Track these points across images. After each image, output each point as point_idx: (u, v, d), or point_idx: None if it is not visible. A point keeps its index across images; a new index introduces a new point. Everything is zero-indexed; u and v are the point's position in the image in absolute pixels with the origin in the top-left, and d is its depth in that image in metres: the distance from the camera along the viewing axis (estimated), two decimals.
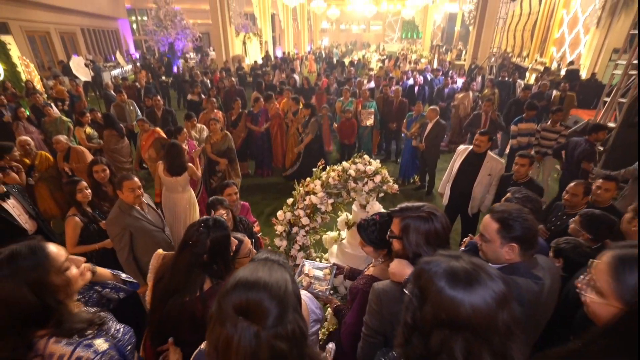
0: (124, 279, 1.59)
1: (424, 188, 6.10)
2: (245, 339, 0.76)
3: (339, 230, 3.59)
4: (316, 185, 3.03)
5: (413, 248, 1.36)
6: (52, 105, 6.81)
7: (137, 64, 17.20)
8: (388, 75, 10.49)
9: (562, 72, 10.93)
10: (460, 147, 4.04)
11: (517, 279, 1.41)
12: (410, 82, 9.87)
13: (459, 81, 9.79)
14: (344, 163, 3.09)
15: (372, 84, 9.70)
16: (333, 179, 3.02)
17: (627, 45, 6.05)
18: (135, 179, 2.66)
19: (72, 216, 2.79)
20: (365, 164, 3.01)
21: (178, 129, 4.68)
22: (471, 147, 3.83)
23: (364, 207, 3.16)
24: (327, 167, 3.17)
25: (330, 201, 3.06)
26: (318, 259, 3.41)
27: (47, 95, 8.83)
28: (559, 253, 1.96)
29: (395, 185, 3.05)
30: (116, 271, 1.58)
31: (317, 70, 17.48)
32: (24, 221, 3.11)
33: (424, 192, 6.02)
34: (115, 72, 15.63)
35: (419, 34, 28.98)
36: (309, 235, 3.14)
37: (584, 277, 0.97)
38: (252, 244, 2.01)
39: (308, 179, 3.17)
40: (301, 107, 6.32)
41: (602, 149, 5.37)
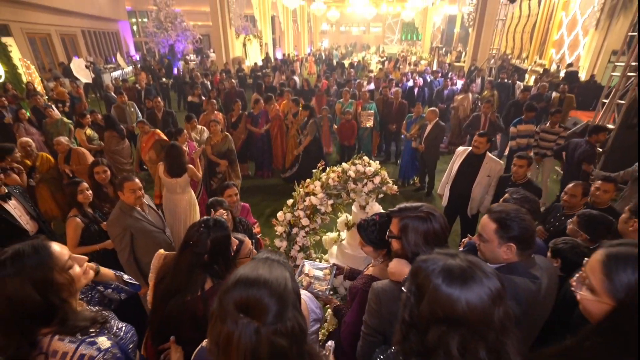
0: (125, 280, 1.60)
1: (423, 189, 6.12)
2: (246, 335, 0.77)
3: (338, 231, 3.60)
4: (316, 187, 3.05)
5: (412, 248, 1.37)
6: (53, 106, 6.83)
7: (138, 65, 17.24)
8: (388, 76, 10.51)
9: (562, 74, 10.94)
10: (460, 148, 4.05)
11: (514, 279, 1.43)
12: (410, 84, 9.89)
13: (459, 83, 9.83)
14: (344, 164, 3.11)
15: (372, 86, 9.71)
16: (333, 180, 3.03)
17: (625, 47, 6.07)
18: (136, 180, 2.67)
19: (73, 217, 2.80)
20: (365, 165, 3.03)
21: (178, 131, 4.70)
22: (470, 148, 3.85)
23: (363, 208, 3.17)
24: (327, 168, 3.19)
25: (330, 202, 3.07)
26: (318, 259, 3.42)
27: (47, 97, 8.84)
28: (557, 253, 1.97)
29: (395, 186, 3.07)
30: (119, 272, 1.60)
31: (317, 72, 17.52)
32: (25, 222, 3.12)
33: (423, 193, 6.04)
34: (115, 74, 15.68)
35: (419, 36, 29.04)
36: (308, 236, 3.15)
37: (578, 275, 0.99)
38: (252, 245, 2.02)
39: (308, 180, 3.19)
40: (300, 108, 6.35)
41: (601, 151, 5.39)
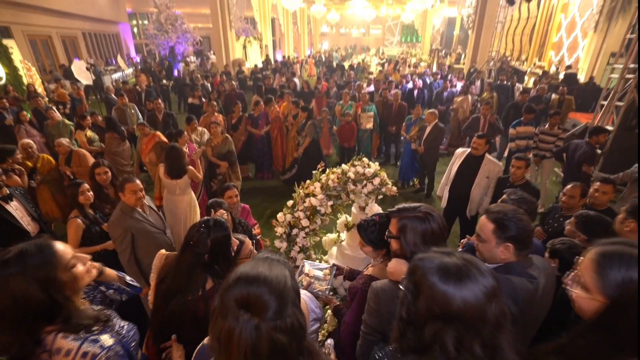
0: (127, 282, 1.62)
1: (423, 191, 6.14)
2: (246, 331, 0.79)
3: (338, 232, 3.62)
4: (316, 188, 3.07)
5: (410, 247, 1.39)
6: (54, 108, 6.85)
7: (138, 67, 17.29)
8: (387, 78, 10.53)
9: (561, 76, 10.98)
10: (458, 150, 4.07)
11: (512, 278, 1.44)
12: (410, 86, 9.91)
13: (458, 85, 9.86)
14: (343, 166, 3.13)
15: (372, 88, 9.75)
16: (332, 181, 3.05)
17: (623, 49, 6.10)
18: (137, 181, 2.68)
19: (74, 218, 2.81)
20: (364, 166, 3.05)
21: (179, 132, 4.72)
22: (469, 150, 3.86)
23: (363, 209, 3.19)
24: (327, 169, 3.21)
25: (330, 203, 3.09)
26: (318, 260, 3.43)
27: (48, 99, 8.88)
28: (555, 253, 1.98)
29: (394, 188, 3.09)
30: (122, 273, 1.61)
31: (317, 74, 17.53)
32: (27, 223, 3.13)
33: (423, 195, 6.05)
34: (116, 76, 15.73)
35: (419, 38, 29.11)
36: (308, 237, 3.17)
37: (571, 274, 1.01)
38: (252, 245, 2.04)
39: (308, 181, 3.21)
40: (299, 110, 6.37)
41: (599, 152, 5.41)
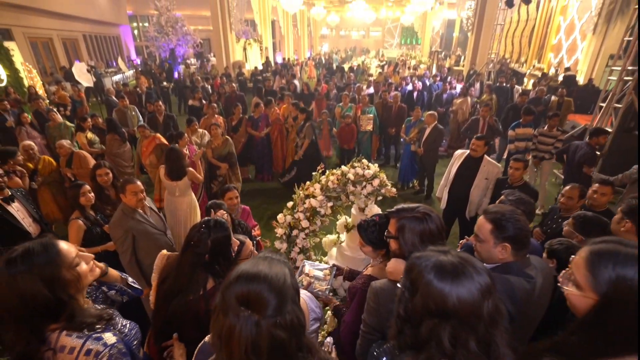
0: (130, 284, 1.63)
1: (423, 192, 6.15)
2: (247, 327, 0.81)
3: (338, 233, 3.63)
4: (316, 189, 3.09)
5: (409, 247, 1.41)
6: (55, 110, 6.87)
7: (139, 69, 17.35)
8: (387, 80, 10.57)
9: (560, 78, 11.02)
10: (458, 151, 4.08)
11: (510, 278, 1.46)
12: (409, 88, 9.94)
13: (458, 87, 9.89)
14: (343, 167, 3.15)
15: (372, 90, 9.78)
16: (332, 182, 3.07)
17: (622, 51, 6.13)
18: (138, 182, 2.70)
19: (76, 219, 2.83)
20: (364, 168, 3.07)
21: (179, 134, 4.74)
22: (468, 151, 3.88)
23: (362, 210, 3.21)
24: (327, 171, 3.23)
25: (330, 204, 3.11)
26: (318, 261, 3.45)
27: (49, 101, 8.91)
28: (553, 254, 2.00)
29: (393, 189, 3.11)
30: (124, 274, 1.63)
31: (316, 76, 17.60)
32: (28, 224, 3.15)
33: (423, 197, 6.07)
34: (116, 78, 15.77)
35: (418, 40, 29.17)
36: (308, 238, 3.19)
37: (565, 272, 1.03)
38: (252, 246, 2.05)
39: (308, 182, 3.23)
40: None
41: (598, 154, 5.43)
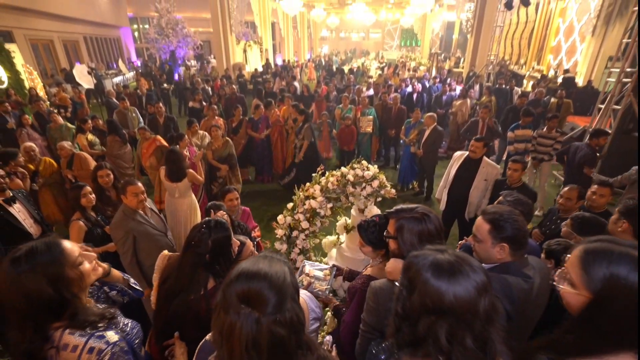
0: (131, 285, 1.65)
1: (422, 194, 6.17)
2: (247, 325, 0.82)
3: (338, 234, 3.65)
4: (315, 190, 3.10)
5: (407, 247, 1.42)
6: (55, 112, 6.89)
7: (139, 71, 17.40)
8: (387, 82, 10.60)
9: (559, 80, 11.06)
10: (457, 153, 4.09)
11: (508, 278, 1.47)
12: (409, 90, 9.98)
13: (457, 88, 9.93)
14: (343, 168, 3.17)
15: (371, 92, 9.82)
16: (332, 184, 3.09)
17: (620, 53, 6.16)
18: (139, 184, 2.72)
19: (77, 220, 2.85)
20: (364, 169, 3.09)
21: (179, 136, 4.76)
22: (467, 153, 3.89)
23: (362, 211, 3.22)
24: (327, 172, 3.24)
25: (330, 205, 3.13)
26: (318, 262, 3.46)
27: (49, 103, 8.94)
28: (551, 254, 2.01)
29: (393, 190, 3.12)
30: (127, 275, 1.64)
31: (316, 78, 17.67)
32: (29, 225, 3.17)
33: (422, 198, 6.08)
34: (116, 80, 15.82)
35: (418, 42, 29.27)
36: (308, 239, 3.20)
37: (560, 270, 1.04)
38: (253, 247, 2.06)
39: (307, 184, 3.24)
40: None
41: (598, 155, 5.45)
